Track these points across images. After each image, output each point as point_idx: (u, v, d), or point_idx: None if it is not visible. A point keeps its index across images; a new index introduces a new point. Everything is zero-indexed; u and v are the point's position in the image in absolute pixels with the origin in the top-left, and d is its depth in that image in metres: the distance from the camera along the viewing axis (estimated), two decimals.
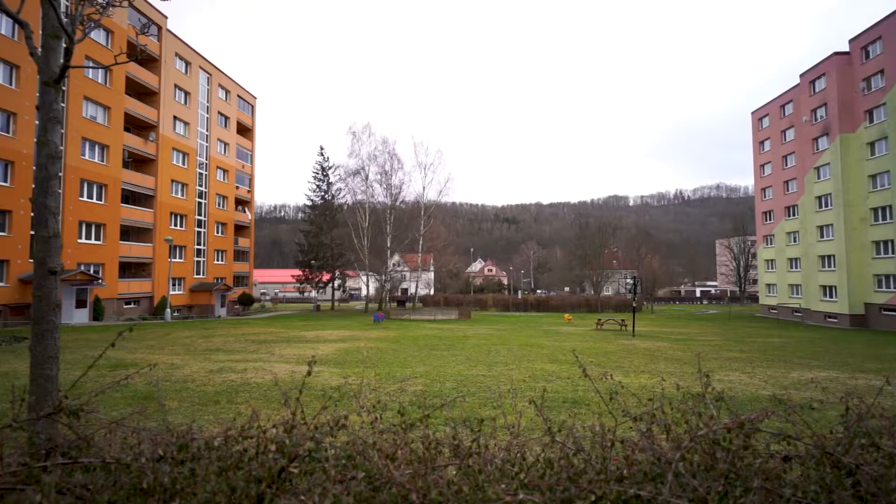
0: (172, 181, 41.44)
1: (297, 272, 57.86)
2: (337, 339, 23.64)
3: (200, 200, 45.68)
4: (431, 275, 74.19)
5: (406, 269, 62.55)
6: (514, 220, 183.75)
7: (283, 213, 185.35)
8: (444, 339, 23.59)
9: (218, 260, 48.40)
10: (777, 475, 1.87)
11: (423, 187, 54.76)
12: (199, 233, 45.30)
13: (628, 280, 37.23)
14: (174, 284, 40.99)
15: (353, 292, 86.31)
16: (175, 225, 41.92)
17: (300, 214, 76.35)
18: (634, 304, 28.57)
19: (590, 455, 1.97)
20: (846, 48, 41.50)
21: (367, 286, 56.02)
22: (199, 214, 45.53)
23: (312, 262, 54.85)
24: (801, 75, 46.29)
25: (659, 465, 1.75)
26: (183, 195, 43.04)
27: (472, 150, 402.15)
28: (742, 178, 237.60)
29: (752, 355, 18.48)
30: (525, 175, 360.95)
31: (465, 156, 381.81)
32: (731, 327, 37.71)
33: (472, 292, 76.54)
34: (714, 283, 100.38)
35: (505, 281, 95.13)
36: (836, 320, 40.98)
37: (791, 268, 48.91)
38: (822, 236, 43.33)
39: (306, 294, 62.43)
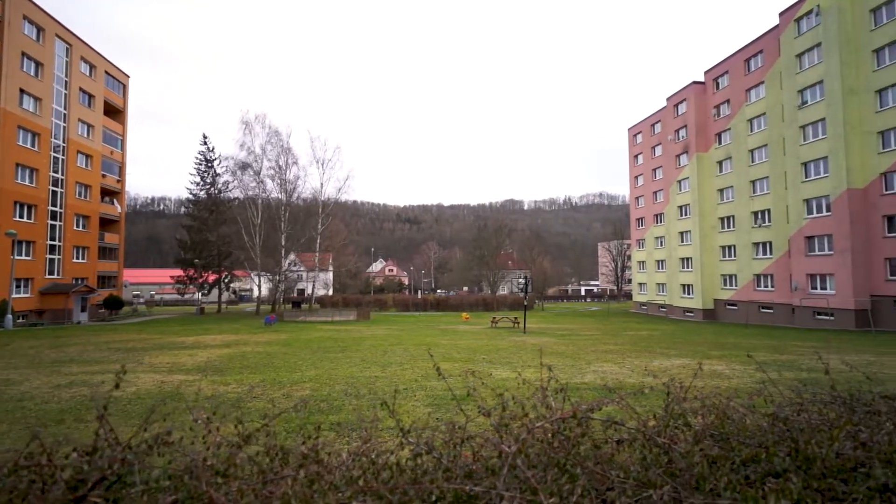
0: (17, 165, 35.42)
1: (178, 272, 52.66)
2: (221, 343, 21.87)
3: (55, 189, 39.61)
4: (330, 275, 72.02)
5: (302, 268, 59.99)
6: (416, 221, 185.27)
7: (162, 207, 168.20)
8: (339, 341, 22.94)
9: (78, 258, 42.33)
10: (609, 459, 2.01)
11: (322, 184, 52.99)
12: (53, 226, 39.24)
13: (520, 280, 39.33)
14: (18, 286, 35.07)
15: (243, 294, 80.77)
16: (20, 216, 35.89)
17: (182, 209, 69.60)
18: (526, 303, 30.23)
19: (440, 454, 1.95)
20: (703, 78, 47.88)
21: (260, 287, 52.76)
22: (54, 205, 39.46)
23: (196, 260, 50.30)
24: (668, 98, 52.44)
25: (500, 459, 1.78)
26: (32, 182, 36.99)
27: (376, 150, 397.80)
28: (621, 187, 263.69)
29: (624, 347, 20.46)
30: (428, 177, 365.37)
31: (367, 155, 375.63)
32: (608, 322, 41.49)
33: (372, 292, 75.66)
34: (596, 282, 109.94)
35: (406, 281, 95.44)
36: (692, 314, 47.01)
37: (658, 268, 55.15)
38: (682, 241, 49.45)
39: (188, 296, 57.13)
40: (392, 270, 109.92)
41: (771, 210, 38.57)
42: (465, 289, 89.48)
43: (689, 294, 48.12)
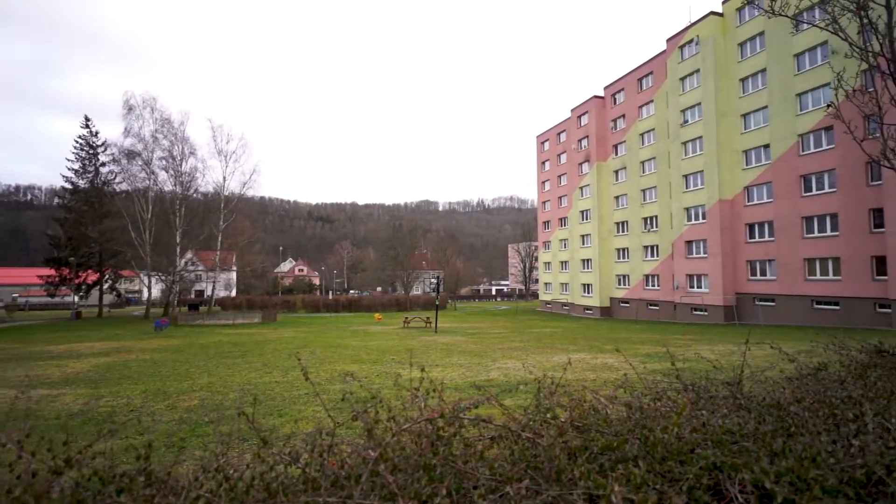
0: None
1: (49, 271, 46.37)
2: (99, 352, 19.54)
3: None
4: (233, 275, 67.57)
5: (201, 268, 55.62)
6: (329, 219, 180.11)
7: (30, 197, 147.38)
8: (239, 345, 21.55)
9: None
10: (479, 456, 2.02)
11: (224, 178, 49.56)
12: None
13: (433, 280, 39.73)
14: None
15: (130, 296, 73.08)
16: None
17: (56, 200, 61.27)
18: (437, 303, 30.59)
19: (305, 463, 1.83)
20: (603, 93, 51.67)
21: (150, 289, 48.01)
22: None
23: (71, 259, 44.57)
24: (572, 110, 55.93)
25: (364, 465, 1.71)
26: None
27: (288, 144, 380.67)
28: (531, 191, 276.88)
29: (528, 344, 21.43)
30: (342, 174, 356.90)
31: (278, 150, 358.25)
32: (516, 321, 43.29)
33: (279, 293, 72.19)
34: (507, 282, 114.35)
35: (317, 281, 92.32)
36: (591, 312, 50.55)
37: (562, 269, 58.61)
38: (583, 244, 53.00)
39: (62, 298, 50.50)
40: (302, 270, 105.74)
41: (658, 216, 42.64)
42: (379, 289, 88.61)
43: (588, 293, 51.68)
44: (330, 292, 71.85)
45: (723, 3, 36.95)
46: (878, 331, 22.96)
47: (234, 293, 68.03)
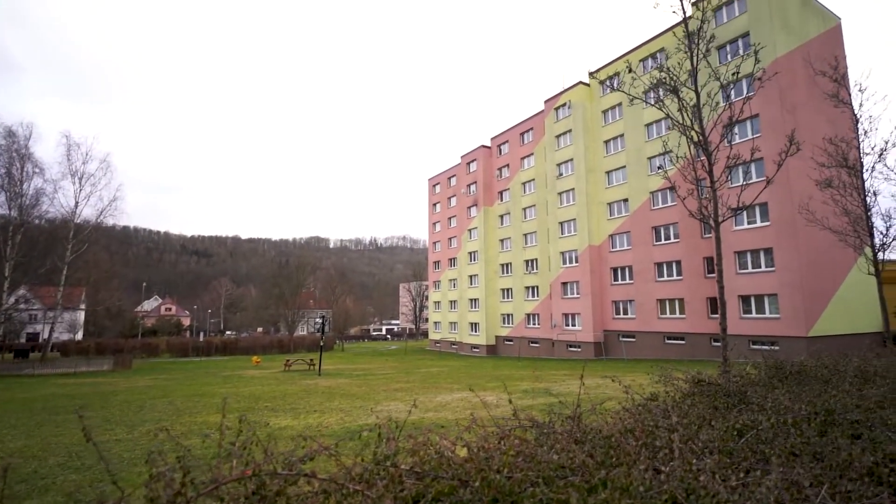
0: None
1: None
2: None
3: None
4: (81, 315, 58.35)
5: (38, 307, 47.20)
6: (207, 254, 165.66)
7: None
8: (79, 398, 18.36)
9: None
10: None
11: (77, 203, 43.33)
12: None
13: (317, 319, 38.01)
14: None
15: None
16: None
17: None
18: (322, 343, 29.14)
19: None
20: (490, 143, 55.36)
21: None
22: None
23: None
24: (462, 157, 58.97)
25: None
26: None
27: (162, 170, 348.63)
28: (422, 232, 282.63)
29: (415, 384, 21.20)
30: (225, 206, 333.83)
31: (150, 175, 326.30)
32: (405, 360, 42.83)
33: (140, 335, 63.69)
34: (397, 322, 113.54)
35: (187, 322, 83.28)
36: (478, 350, 51.91)
37: (451, 308, 59.84)
38: (471, 284, 54.88)
39: None
40: (170, 309, 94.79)
41: (538, 259, 45.88)
42: (260, 329, 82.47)
43: (475, 332, 53.20)
44: (202, 334, 64.92)
45: (589, 75, 42.30)
46: (713, 362, 26.66)
47: (80, 336, 58.43)
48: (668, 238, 34.23)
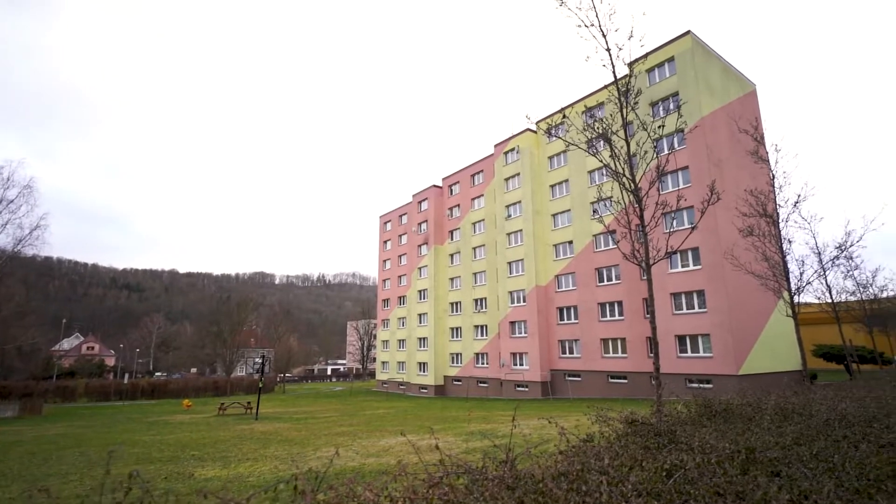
0: None
1: None
2: None
3: None
4: None
5: None
6: (140, 288, 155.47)
7: None
8: None
9: None
10: None
11: None
12: None
13: (257, 360, 36.14)
14: None
15: None
16: None
17: None
18: (261, 385, 27.54)
19: None
20: (441, 183, 56.39)
21: None
22: None
23: None
24: (414, 195, 59.58)
25: None
26: None
27: (93, 197, 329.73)
28: (372, 269, 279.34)
29: (358, 428, 20.32)
30: (163, 238, 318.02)
31: (85, 203, 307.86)
32: (349, 402, 41.20)
33: (55, 377, 57.88)
34: (343, 361, 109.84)
35: (111, 362, 76.77)
36: (426, 391, 50.85)
37: (399, 347, 58.72)
38: (420, 322, 54.33)
39: None
40: (93, 348, 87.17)
41: (487, 298, 46.28)
42: (194, 370, 77.21)
43: (424, 371, 52.27)
44: (126, 375, 59.69)
45: (536, 123, 44.49)
46: (653, 400, 27.42)
47: None
48: (610, 279, 35.61)
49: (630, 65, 8.58)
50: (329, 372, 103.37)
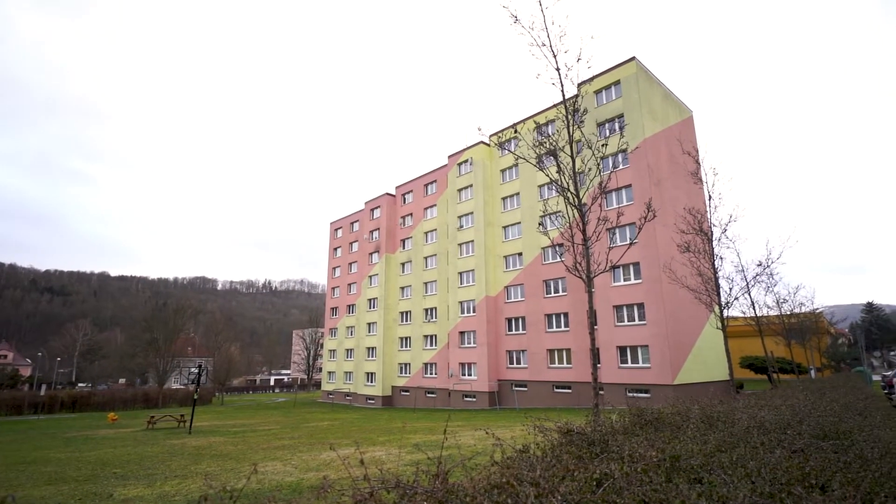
0: None
1: None
2: None
3: None
4: None
5: None
6: (65, 292, 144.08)
7: None
8: None
9: None
10: None
11: None
12: None
13: (193, 369, 34.23)
14: None
15: None
16: None
17: None
18: (196, 396, 26.02)
19: None
20: (395, 192, 56.10)
21: None
22: None
23: None
24: (366, 203, 58.92)
25: None
26: None
27: (26, 195, 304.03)
28: (322, 276, 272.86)
29: (300, 441, 19.59)
30: (92, 238, 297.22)
31: (10, 199, 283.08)
32: (292, 414, 39.76)
33: None
34: (288, 372, 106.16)
35: (27, 372, 70.39)
36: (373, 401, 49.96)
37: (347, 357, 57.51)
38: (369, 331, 53.50)
39: None
40: (6, 356, 79.64)
41: (437, 308, 46.25)
42: (123, 381, 72.14)
43: (372, 382, 51.39)
44: (44, 387, 54.74)
45: (489, 136, 45.30)
46: (603, 409, 28.28)
47: None
48: (557, 291, 36.56)
49: (579, 85, 8.95)
50: (272, 382, 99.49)
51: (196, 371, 25.97)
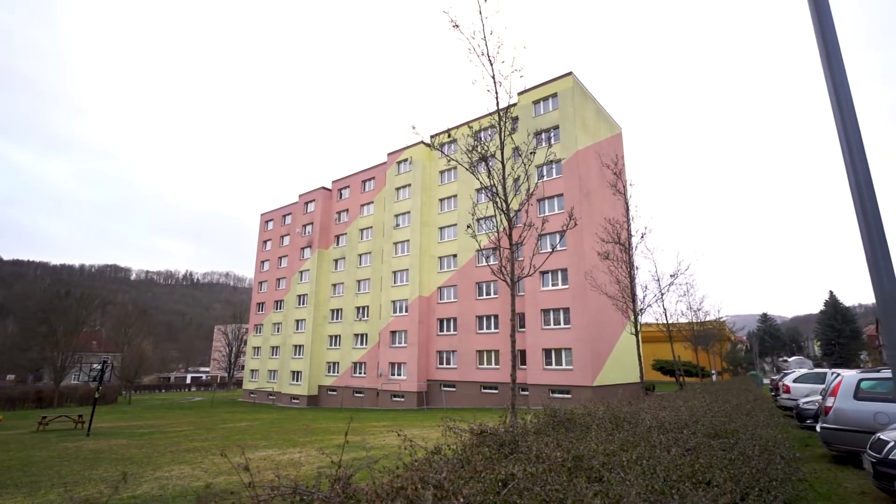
0: None
1: None
2: None
3: None
4: None
5: None
6: None
7: None
8: None
9: None
10: None
11: None
12: None
13: (95, 366, 31.40)
14: None
15: None
16: None
17: None
18: (97, 395, 23.76)
19: None
20: (331, 186, 54.64)
21: None
22: None
23: None
24: (300, 195, 56.92)
25: None
26: None
27: None
28: (249, 270, 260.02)
29: (213, 443, 18.49)
30: None
31: None
32: (209, 414, 37.54)
33: None
34: (206, 369, 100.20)
35: None
36: (298, 401, 48.31)
37: (272, 355, 55.21)
38: (297, 329, 51.69)
39: None
40: None
41: (369, 307, 45.59)
42: (11, 377, 64.70)
43: (297, 381, 49.68)
44: None
45: (430, 137, 45.40)
46: (520, 409, 29.12)
47: None
48: (488, 293, 37.29)
49: (518, 94, 9.14)
50: (189, 380, 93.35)
51: (99, 367, 23.75)
